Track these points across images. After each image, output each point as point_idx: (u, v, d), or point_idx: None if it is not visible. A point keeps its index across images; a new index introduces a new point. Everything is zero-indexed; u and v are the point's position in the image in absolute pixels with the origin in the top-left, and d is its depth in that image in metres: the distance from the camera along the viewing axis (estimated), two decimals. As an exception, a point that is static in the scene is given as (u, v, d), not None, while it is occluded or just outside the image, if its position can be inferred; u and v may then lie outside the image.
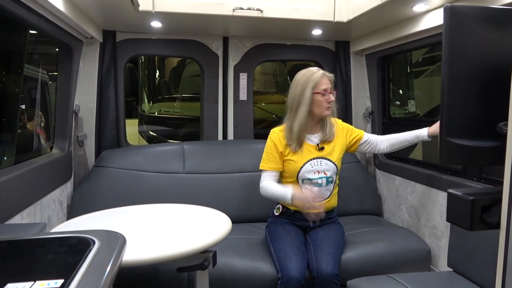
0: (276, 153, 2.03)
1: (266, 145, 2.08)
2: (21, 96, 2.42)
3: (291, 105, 1.99)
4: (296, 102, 1.96)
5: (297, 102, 1.95)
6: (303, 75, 1.97)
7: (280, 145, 2.03)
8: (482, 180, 1.93)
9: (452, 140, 0.95)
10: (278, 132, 2.07)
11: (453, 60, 0.95)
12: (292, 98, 1.97)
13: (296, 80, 1.99)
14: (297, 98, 1.95)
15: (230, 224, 1.60)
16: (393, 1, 1.86)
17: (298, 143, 2.00)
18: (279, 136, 2.04)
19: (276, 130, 2.08)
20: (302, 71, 2.00)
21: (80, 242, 0.81)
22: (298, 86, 1.95)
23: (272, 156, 2.03)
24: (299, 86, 1.95)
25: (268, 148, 2.06)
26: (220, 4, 2.17)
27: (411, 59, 4.73)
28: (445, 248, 2.08)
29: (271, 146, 2.04)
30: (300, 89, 1.94)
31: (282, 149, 2.02)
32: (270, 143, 2.05)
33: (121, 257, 0.81)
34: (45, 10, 1.72)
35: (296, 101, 1.96)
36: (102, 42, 2.57)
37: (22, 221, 1.69)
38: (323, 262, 1.83)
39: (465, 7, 0.96)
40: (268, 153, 2.05)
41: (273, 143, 2.04)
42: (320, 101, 1.95)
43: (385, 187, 2.73)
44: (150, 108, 5.73)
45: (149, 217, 1.80)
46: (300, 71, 2.02)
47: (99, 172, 2.45)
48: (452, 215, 0.96)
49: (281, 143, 2.03)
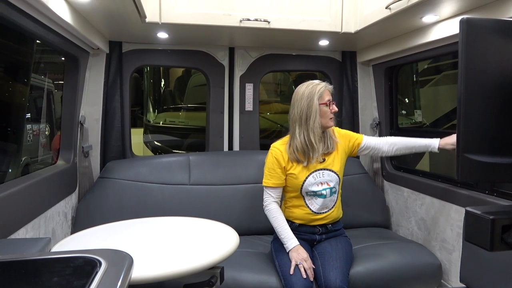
0: (278, 168, 1.99)
1: (267, 160, 2.03)
2: (27, 106, 2.42)
3: (299, 119, 1.95)
4: (304, 114, 1.93)
5: (305, 114, 1.93)
6: (306, 87, 1.96)
7: (282, 160, 1.98)
8: (494, 193, 1.89)
9: (470, 156, 0.92)
10: (279, 146, 2.02)
11: (470, 74, 0.92)
12: (300, 111, 1.94)
13: (299, 93, 1.97)
14: (305, 111, 1.93)
15: (237, 239, 1.57)
16: (402, 13, 1.84)
17: (312, 156, 1.96)
18: (281, 150, 2.00)
19: (277, 144, 2.04)
20: (303, 85, 1.99)
21: (86, 263, 0.79)
22: (303, 99, 1.94)
23: (275, 172, 1.99)
24: (305, 98, 1.93)
25: (269, 164, 2.01)
26: (227, 15, 2.16)
27: (417, 68, 4.72)
28: (456, 263, 2.03)
29: (273, 162, 2.00)
30: (307, 101, 1.92)
31: (284, 164, 1.98)
32: (272, 158, 2.01)
33: (128, 279, 0.78)
34: (52, 22, 1.71)
35: (305, 113, 1.93)
36: (108, 53, 2.57)
37: (26, 234, 1.67)
38: (331, 277, 1.80)
39: (481, 20, 0.93)
40: (270, 169, 2.01)
41: (275, 158, 1.99)
42: (325, 111, 1.95)
43: (393, 198, 2.69)
44: (155, 117, 5.73)
45: (155, 231, 1.77)
46: (299, 86, 2.00)
47: (104, 184, 2.43)
48: (471, 234, 0.93)
49: (283, 158, 1.99)
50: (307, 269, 1.82)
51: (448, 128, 3.73)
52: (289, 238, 1.93)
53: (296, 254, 1.87)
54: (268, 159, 2.02)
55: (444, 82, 4.59)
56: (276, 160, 1.98)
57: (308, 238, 2.02)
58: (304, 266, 1.83)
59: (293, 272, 1.82)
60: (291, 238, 1.93)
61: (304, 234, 2.01)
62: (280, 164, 1.98)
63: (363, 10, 2.16)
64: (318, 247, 2.01)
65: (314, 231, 2.02)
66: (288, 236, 1.94)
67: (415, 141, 2.07)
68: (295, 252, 1.88)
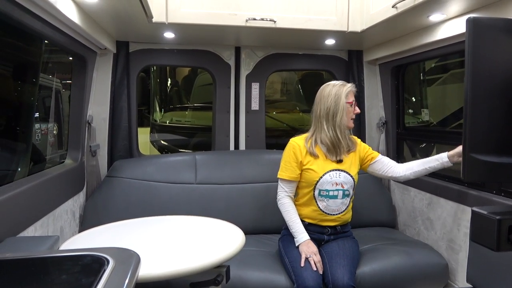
0: (294, 162, 2.02)
1: (284, 153, 2.07)
2: (35, 105, 2.43)
3: (325, 115, 1.99)
4: (332, 111, 1.98)
5: (332, 111, 1.98)
6: (333, 86, 2.01)
7: (300, 154, 2.01)
8: (502, 193, 1.88)
9: (476, 156, 0.91)
10: (298, 140, 2.06)
11: (476, 74, 0.91)
12: (327, 108, 1.99)
13: (326, 91, 2.02)
14: (333, 108, 1.98)
15: (243, 238, 1.58)
16: (409, 11, 1.83)
17: (339, 151, 2.01)
18: (299, 145, 2.03)
19: (296, 139, 2.07)
20: (330, 84, 2.04)
21: (94, 261, 0.80)
22: (330, 96, 1.99)
23: (290, 165, 2.02)
24: (332, 96, 1.99)
25: (286, 157, 2.05)
26: (233, 15, 2.16)
27: (424, 67, 4.68)
28: (463, 263, 2.02)
29: (289, 155, 2.03)
30: (335, 99, 1.98)
31: (301, 158, 2.01)
32: (289, 151, 2.04)
33: (135, 277, 0.79)
34: (60, 23, 1.73)
35: (332, 110, 1.98)
36: (115, 53, 2.59)
37: (35, 232, 1.69)
38: (339, 274, 1.81)
39: (488, 19, 0.93)
40: (286, 161, 2.04)
41: (292, 152, 2.03)
42: (349, 111, 2.01)
43: (400, 198, 2.68)
44: (162, 117, 5.75)
45: (161, 230, 1.78)
46: (325, 84, 2.05)
47: (111, 183, 2.45)
48: (477, 234, 0.93)
49: (301, 152, 2.02)
50: (316, 263, 1.85)
51: (455, 127, 3.70)
52: (300, 232, 1.97)
53: (306, 247, 1.91)
54: (286, 152, 2.07)
55: (452, 81, 4.55)
56: (294, 153, 2.02)
57: (317, 238, 2.02)
58: (314, 259, 1.86)
59: (303, 264, 1.84)
60: (302, 232, 1.96)
61: (313, 234, 2.02)
62: (296, 158, 2.01)
63: (369, 9, 2.15)
64: (326, 246, 2.01)
65: (323, 231, 2.03)
66: (299, 230, 1.97)
67: (427, 162, 2.04)
68: (305, 246, 1.91)
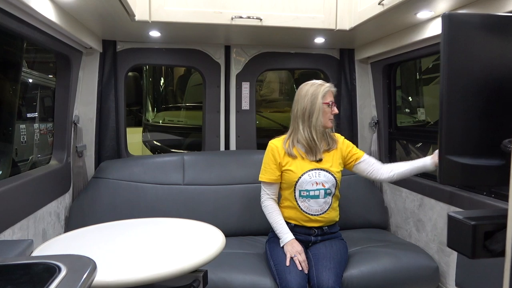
0: (273, 164, 2.01)
1: (264, 155, 2.07)
2: (18, 105, 2.39)
3: (302, 115, 1.98)
4: (307, 111, 1.97)
5: (308, 111, 1.96)
6: (311, 86, 2.00)
7: (278, 156, 2.01)
8: (492, 194, 1.83)
9: (452, 158, 0.87)
10: (276, 142, 2.06)
11: (452, 72, 0.87)
12: (303, 108, 1.97)
13: (303, 91, 2.00)
14: (309, 108, 1.96)
15: (223, 242, 1.53)
16: (396, 8, 1.79)
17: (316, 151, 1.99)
18: (277, 146, 2.03)
19: (275, 140, 2.07)
20: (308, 83, 2.02)
21: (45, 270, 0.76)
22: (307, 96, 1.97)
23: (269, 167, 2.02)
24: (308, 96, 1.97)
25: (266, 159, 2.06)
26: (219, 13, 2.12)
27: (420, 66, 4.64)
28: (453, 265, 1.98)
29: (269, 157, 2.04)
30: (311, 99, 1.96)
31: (280, 160, 2.01)
32: (268, 154, 2.05)
33: (88, 285, 0.75)
34: (37, 21, 1.68)
35: (308, 110, 1.96)
36: (102, 52, 2.55)
37: (13, 236, 1.65)
38: (324, 278, 1.78)
39: (465, 15, 0.88)
40: (265, 164, 2.05)
41: (271, 154, 2.03)
42: (326, 111, 1.98)
43: (392, 199, 2.63)
44: (154, 117, 5.70)
45: (141, 232, 1.73)
46: (304, 84, 2.04)
47: (97, 184, 2.42)
48: (453, 240, 0.88)
49: (279, 153, 2.02)
50: (301, 262, 1.84)
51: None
52: (284, 232, 1.96)
53: (290, 247, 1.90)
54: (265, 154, 2.07)
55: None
56: (272, 155, 2.02)
57: (304, 239, 2.00)
58: (298, 258, 1.84)
59: (289, 263, 1.83)
60: (286, 232, 1.95)
61: (300, 235, 1.99)
62: (275, 160, 2.01)
63: (357, 7, 2.11)
64: (313, 248, 1.99)
65: (310, 232, 2.01)
66: (283, 231, 1.96)
67: (411, 164, 2.01)
68: (290, 245, 1.90)
